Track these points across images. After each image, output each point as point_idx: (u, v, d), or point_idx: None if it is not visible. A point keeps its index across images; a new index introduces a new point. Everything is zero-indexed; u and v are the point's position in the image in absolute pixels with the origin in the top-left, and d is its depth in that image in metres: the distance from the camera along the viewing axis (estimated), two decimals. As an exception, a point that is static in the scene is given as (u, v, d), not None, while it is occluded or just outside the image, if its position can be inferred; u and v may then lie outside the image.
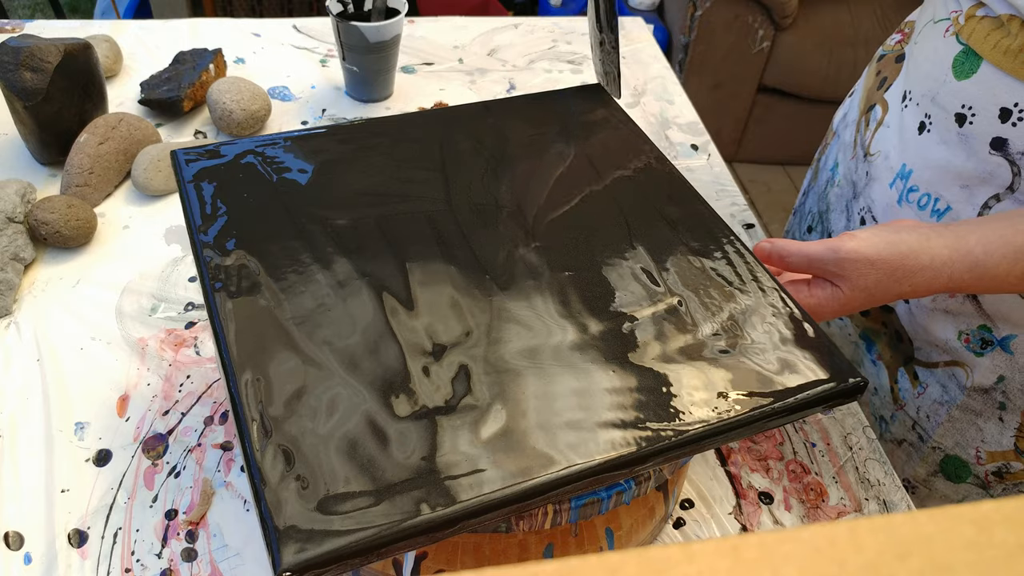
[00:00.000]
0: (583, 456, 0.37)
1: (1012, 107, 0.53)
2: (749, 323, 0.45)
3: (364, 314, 0.43)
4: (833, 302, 0.51)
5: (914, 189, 0.62)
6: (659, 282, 0.46)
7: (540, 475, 0.36)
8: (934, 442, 0.67)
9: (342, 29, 0.85)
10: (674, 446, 0.39)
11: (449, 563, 0.46)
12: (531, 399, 0.40)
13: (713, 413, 0.40)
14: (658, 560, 0.15)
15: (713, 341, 0.44)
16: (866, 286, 0.50)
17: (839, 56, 2.02)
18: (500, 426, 0.38)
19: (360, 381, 0.40)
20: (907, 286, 0.49)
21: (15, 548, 0.51)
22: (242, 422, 0.37)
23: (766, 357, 0.43)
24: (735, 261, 0.49)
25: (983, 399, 0.62)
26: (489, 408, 0.39)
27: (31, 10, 2.65)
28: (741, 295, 0.47)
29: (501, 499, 0.35)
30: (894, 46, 0.70)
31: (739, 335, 0.44)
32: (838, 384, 0.42)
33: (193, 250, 0.46)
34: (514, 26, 1.10)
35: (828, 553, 0.16)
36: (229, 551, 0.52)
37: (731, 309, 0.45)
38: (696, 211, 0.52)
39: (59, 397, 0.60)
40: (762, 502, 0.58)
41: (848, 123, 0.75)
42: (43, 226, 0.69)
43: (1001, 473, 0.64)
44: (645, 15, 2.31)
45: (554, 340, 0.43)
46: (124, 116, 0.78)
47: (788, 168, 2.31)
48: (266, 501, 0.34)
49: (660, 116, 0.96)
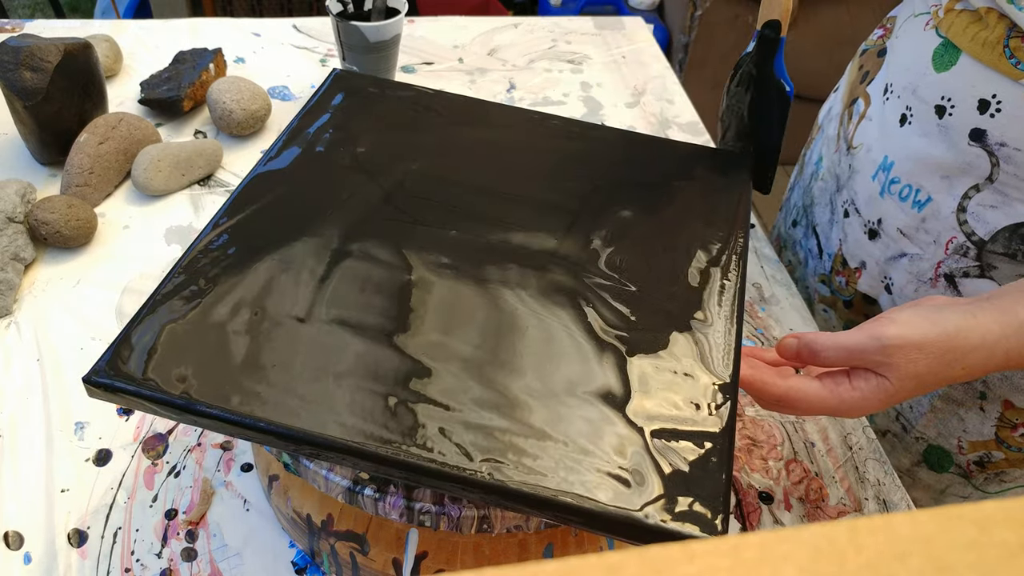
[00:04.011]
0: None
1: (990, 98, 0.54)
2: (667, 424, 0.40)
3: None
4: (881, 393, 0.45)
5: (896, 180, 0.63)
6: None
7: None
8: (917, 432, 0.68)
9: (342, 29, 0.85)
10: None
11: (449, 563, 0.46)
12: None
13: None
14: (658, 560, 0.15)
15: (631, 418, 0.40)
16: (917, 373, 0.44)
17: (839, 56, 2.01)
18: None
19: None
20: (959, 369, 0.44)
21: (15, 548, 0.51)
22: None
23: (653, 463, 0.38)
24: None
25: (964, 388, 0.63)
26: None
27: (31, 10, 2.65)
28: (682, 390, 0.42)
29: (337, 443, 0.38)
30: (876, 41, 0.71)
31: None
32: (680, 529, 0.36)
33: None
34: (514, 26, 1.10)
35: (828, 553, 0.16)
36: (229, 551, 0.52)
37: (663, 399, 0.41)
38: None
39: (59, 397, 0.60)
40: (762, 502, 0.58)
41: (832, 117, 0.76)
42: (43, 226, 0.69)
43: (983, 463, 0.65)
44: (645, 15, 2.31)
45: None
46: (124, 116, 0.78)
47: (787, 168, 2.31)
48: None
49: (660, 116, 0.96)
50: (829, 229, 0.73)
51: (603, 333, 0.44)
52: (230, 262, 0.45)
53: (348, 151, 0.54)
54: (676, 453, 0.38)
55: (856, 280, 0.69)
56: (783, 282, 0.75)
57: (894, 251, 0.64)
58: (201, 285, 0.43)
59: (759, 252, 0.78)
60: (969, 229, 0.58)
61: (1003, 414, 0.62)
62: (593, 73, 1.02)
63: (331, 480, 0.42)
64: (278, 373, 0.40)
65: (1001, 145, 0.54)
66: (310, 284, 0.44)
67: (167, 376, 0.39)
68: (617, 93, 0.99)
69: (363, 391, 0.39)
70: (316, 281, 0.44)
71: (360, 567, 0.48)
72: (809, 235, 0.78)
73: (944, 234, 0.60)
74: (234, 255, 0.45)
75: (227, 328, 0.42)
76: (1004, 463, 0.64)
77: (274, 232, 0.47)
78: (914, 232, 0.62)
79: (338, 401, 0.39)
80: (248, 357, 0.40)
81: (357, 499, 0.42)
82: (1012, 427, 0.62)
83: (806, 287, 0.78)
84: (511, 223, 0.50)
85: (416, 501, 0.42)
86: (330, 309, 0.43)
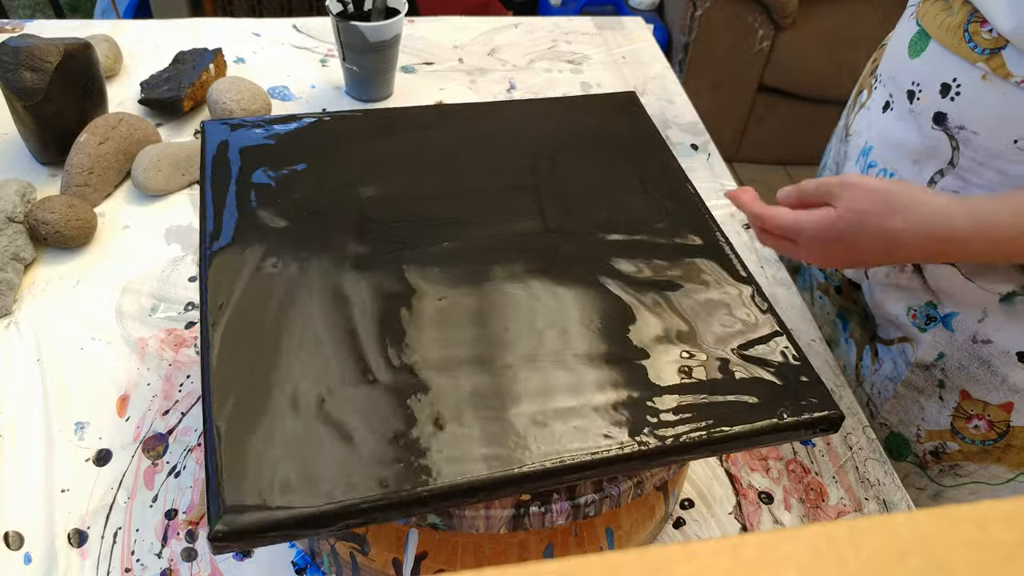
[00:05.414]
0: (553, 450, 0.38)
1: (951, 82, 0.56)
2: (740, 340, 0.44)
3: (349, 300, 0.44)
4: (826, 219, 0.51)
5: (873, 164, 0.65)
6: (661, 300, 0.46)
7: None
8: (881, 418, 0.69)
9: (342, 29, 0.85)
10: (655, 453, 0.39)
11: (449, 563, 0.46)
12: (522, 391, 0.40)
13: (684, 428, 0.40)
14: (658, 560, 0.15)
15: (712, 349, 0.43)
16: (860, 209, 0.50)
17: (839, 56, 2.02)
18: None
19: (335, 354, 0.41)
20: (900, 220, 0.49)
21: (15, 548, 0.51)
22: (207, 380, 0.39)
23: (752, 377, 0.42)
24: (729, 277, 0.48)
25: (924, 376, 0.64)
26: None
27: (31, 10, 2.65)
28: (731, 307, 0.46)
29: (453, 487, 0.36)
30: None
31: (728, 352, 0.44)
32: (817, 417, 0.41)
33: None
34: (514, 26, 1.10)
35: (828, 553, 0.16)
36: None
37: (722, 322, 0.45)
38: (694, 211, 0.52)
39: (59, 397, 0.60)
40: (762, 502, 0.58)
41: (845, 110, 0.78)
42: (43, 226, 0.69)
43: (938, 453, 0.66)
44: (645, 15, 2.31)
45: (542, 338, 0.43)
46: (124, 116, 0.78)
47: (788, 168, 2.31)
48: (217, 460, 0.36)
49: (660, 116, 0.96)
50: None
51: (638, 286, 0.46)
52: (252, 358, 0.40)
53: (286, 200, 0.49)
54: (763, 359, 0.43)
55: None
56: (783, 282, 0.76)
57: None
58: (244, 394, 0.39)
59: (759, 252, 0.78)
60: None
61: (960, 404, 0.62)
62: (593, 73, 1.02)
63: (492, 516, 0.42)
64: (400, 439, 0.37)
65: (960, 128, 0.55)
66: (350, 343, 0.41)
67: (290, 492, 0.35)
68: (617, 93, 0.99)
69: (478, 420, 0.38)
70: (354, 338, 0.42)
71: (360, 567, 0.48)
72: None
73: None
74: (253, 353, 0.40)
75: (303, 421, 0.38)
76: (958, 455, 0.65)
77: (274, 312, 0.43)
78: None
79: (465, 440, 0.37)
80: (346, 436, 0.37)
81: (523, 522, 0.42)
82: (967, 418, 0.62)
83: (809, 275, 0.79)
84: (490, 218, 0.50)
85: (579, 496, 0.43)
86: (392, 358, 0.41)
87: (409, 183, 0.52)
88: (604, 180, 0.54)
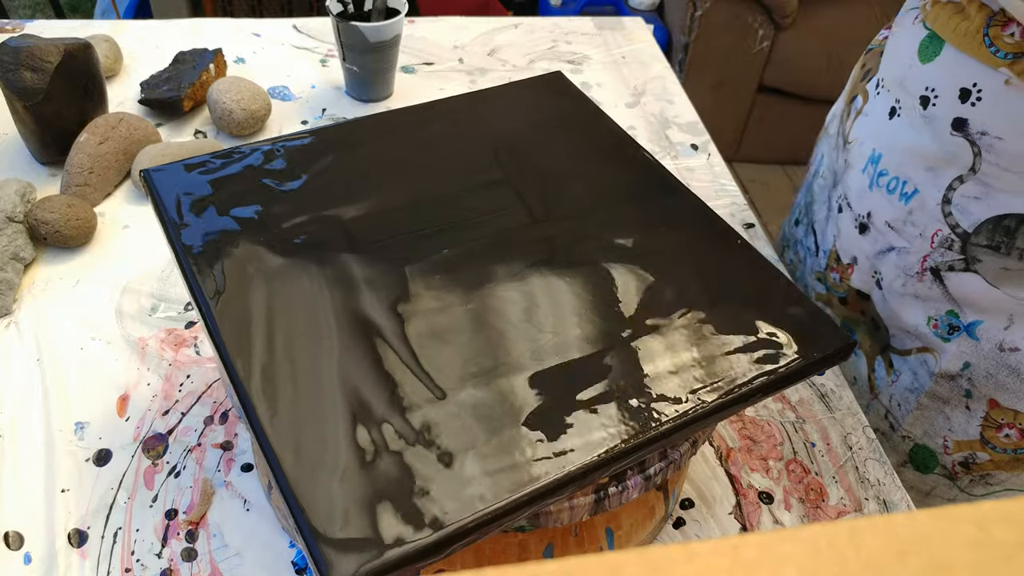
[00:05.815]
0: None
1: (971, 87, 0.55)
2: (732, 288, 0.46)
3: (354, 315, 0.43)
4: None
5: (884, 173, 0.64)
6: (647, 267, 0.47)
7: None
8: (904, 431, 0.68)
9: (342, 29, 0.85)
10: (698, 417, 0.40)
11: (449, 563, 0.46)
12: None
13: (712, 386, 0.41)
14: (658, 560, 0.15)
15: (716, 305, 0.45)
16: None
17: (839, 56, 2.02)
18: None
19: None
20: None
21: (15, 548, 0.51)
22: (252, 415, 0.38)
23: (752, 322, 0.44)
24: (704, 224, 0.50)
25: (949, 386, 0.63)
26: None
27: (31, 10, 2.65)
28: (721, 261, 0.48)
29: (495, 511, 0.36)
30: (881, 41, 0.72)
31: (720, 301, 0.45)
32: (830, 345, 0.43)
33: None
34: (514, 26, 1.10)
35: (828, 553, 0.16)
36: (229, 551, 0.52)
37: (711, 275, 0.47)
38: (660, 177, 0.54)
39: (59, 397, 0.60)
40: (762, 502, 0.58)
41: (835, 115, 0.77)
42: (43, 226, 0.69)
43: (968, 464, 0.65)
44: (645, 15, 2.31)
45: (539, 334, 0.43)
46: (124, 116, 0.78)
47: (788, 168, 2.31)
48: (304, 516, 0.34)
49: (660, 116, 0.96)
50: (825, 225, 0.74)
51: (635, 257, 0.47)
52: (299, 413, 0.38)
53: (268, 239, 0.46)
54: (778, 311, 0.45)
55: (849, 276, 0.70)
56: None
57: (883, 245, 0.65)
58: (307, 446, 0.37)
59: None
60: (954, 221, 0.59)
61: (988, 413, 0.62)
62: (593, 73, 1.02)
63: (576, 505, 0.42)
64: (475, 452, 0.37)
65: (982, 134, 0.55)
66: (385, 371, 0.40)
67: (391, 526, 0.34)
68: (617, 93, 0.99)
69: (550, 415, 0.38)
70: (396, 362, 0.40)
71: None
72: (808, 233, 0.78)
73: (930, 227, 0.60)
74: (297, 403, 0.38)
75: (377, 456, 0.36)
76: (989, 464, 0.64)
77: (303, 357, 0.40)
78: (901, 225, 0.62)
79: (543, 439, 0.38)
80: (425, 459, 0.36)
81: (603, 504, 0.43)
82: (997, 427, 0.62)
83: (804, 286, 0.78)
84: (476, 218, 0.49)
85: (649, 467, 0.43)
86: (438, 376, 0.40)
87: (382, 198, 0.50)
88: (565, 159, 0.54)
